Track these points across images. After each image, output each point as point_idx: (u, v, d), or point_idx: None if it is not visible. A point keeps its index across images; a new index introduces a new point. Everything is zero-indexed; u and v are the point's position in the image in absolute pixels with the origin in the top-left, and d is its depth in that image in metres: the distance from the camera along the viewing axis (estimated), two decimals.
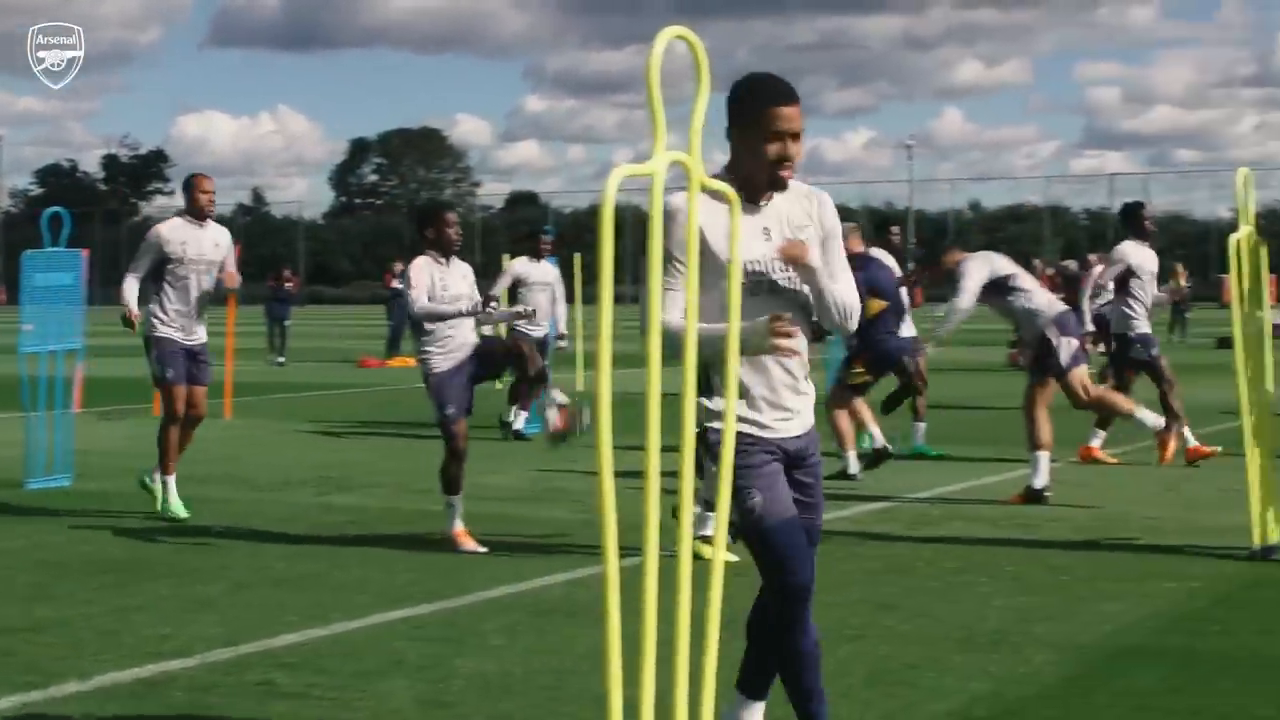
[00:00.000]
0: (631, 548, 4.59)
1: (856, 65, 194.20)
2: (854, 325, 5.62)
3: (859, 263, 12.12)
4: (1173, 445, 12.86)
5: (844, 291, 5.52)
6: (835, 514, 10.86)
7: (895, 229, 16.97)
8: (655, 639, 4.57)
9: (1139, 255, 14.97)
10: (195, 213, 12.23)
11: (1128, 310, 14.91)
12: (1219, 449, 14.47)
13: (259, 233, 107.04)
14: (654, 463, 4.48)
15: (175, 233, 12.10)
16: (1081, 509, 12.27)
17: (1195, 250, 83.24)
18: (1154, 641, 7.95)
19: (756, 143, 5.34)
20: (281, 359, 34.80)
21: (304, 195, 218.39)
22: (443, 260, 10.94)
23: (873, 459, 14.13)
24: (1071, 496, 12.80)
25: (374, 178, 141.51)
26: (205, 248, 12.17)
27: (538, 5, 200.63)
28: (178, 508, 11.98)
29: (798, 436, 5.53)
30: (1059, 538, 10.99)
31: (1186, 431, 14.79)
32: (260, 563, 10.21)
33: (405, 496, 13.31)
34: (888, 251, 15.47)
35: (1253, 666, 7.43)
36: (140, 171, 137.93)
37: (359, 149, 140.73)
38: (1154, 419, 12.98)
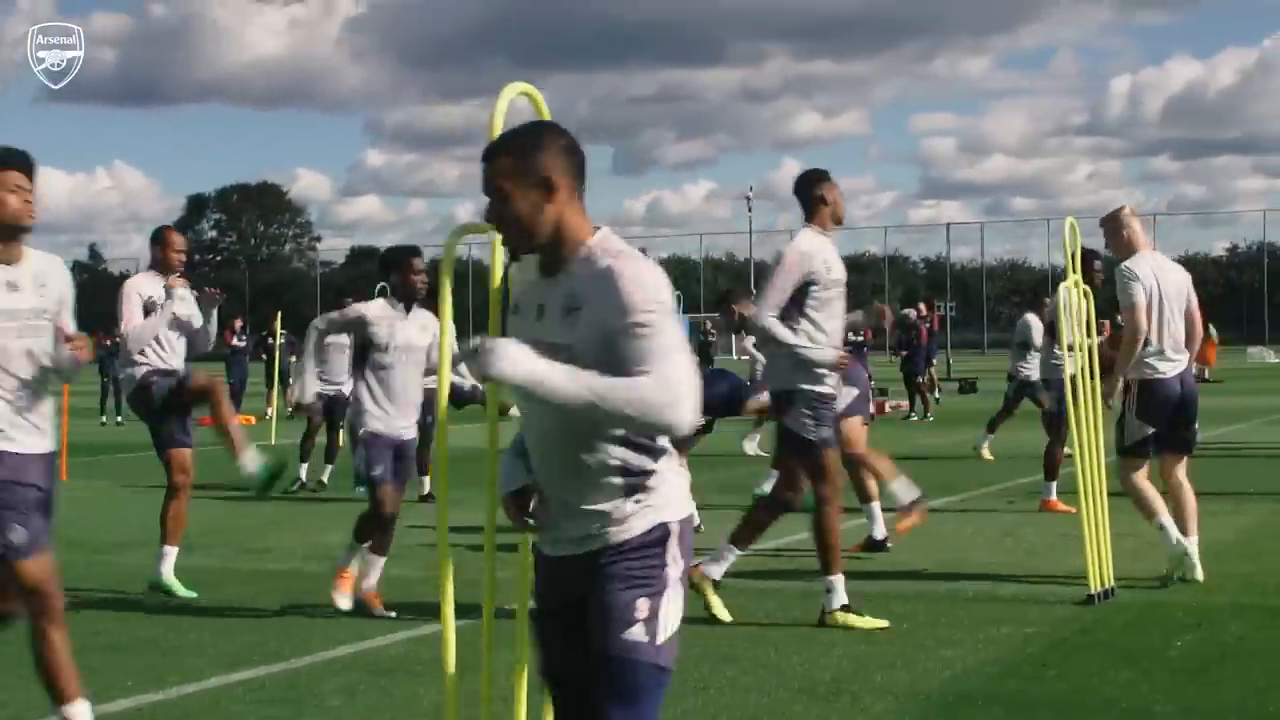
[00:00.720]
0: (471, 605, 4.58)
1: (695, 117, 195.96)
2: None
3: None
4: (912, 520, 11.67)
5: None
6: None
7: None
8: (490, 694, 4.56)
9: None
10: (168, 268, 11.72)
11: (1054, 360, 15.37)
12: (1073, 510, 14.63)
13: (96, 290, 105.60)
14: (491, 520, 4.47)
15: (152, 286, 11.53)
16: (922, 556, 12.38)
17: (1038, 298, 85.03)
18: (991, 687, 8.03)
19: None
20: (120, 418, 34.33)
21: (141, 252, 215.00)
22: (400, 307, 10.54)
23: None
24: (912, 544, 12.89)
25: (213, 234, 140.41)
26: (189, 305, 11.71)
27: (376, 60, 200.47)
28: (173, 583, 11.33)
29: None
30: (899, 585, 11.08)
31: (1053, 486, 15.44)
32: (95, 627, 10.03)
33: (244, 557, 13.16)
34: None
35: (1088, 710, 7.52)
36: None
37: (197, 205, 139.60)
38: (906, 493, 11.83)
